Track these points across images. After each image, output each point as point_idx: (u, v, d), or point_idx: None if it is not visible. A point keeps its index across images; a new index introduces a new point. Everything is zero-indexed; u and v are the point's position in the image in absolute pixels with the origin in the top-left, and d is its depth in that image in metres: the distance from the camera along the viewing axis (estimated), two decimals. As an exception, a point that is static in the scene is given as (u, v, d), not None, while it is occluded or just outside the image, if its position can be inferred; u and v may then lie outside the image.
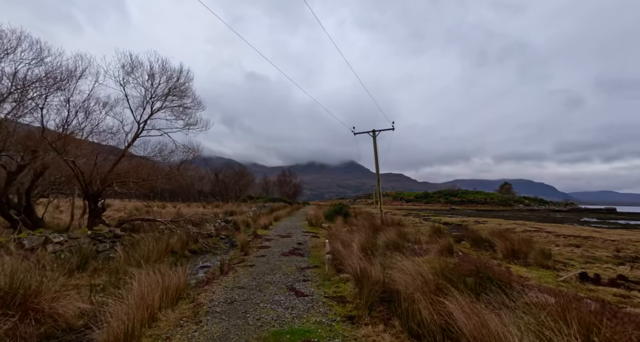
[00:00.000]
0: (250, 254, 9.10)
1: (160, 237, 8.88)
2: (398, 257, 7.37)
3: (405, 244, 8.05)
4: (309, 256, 8.92)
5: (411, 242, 9.15)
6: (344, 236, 8.28)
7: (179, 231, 10.44)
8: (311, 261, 8.11)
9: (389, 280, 4.40)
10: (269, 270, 6.84)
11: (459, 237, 11.17)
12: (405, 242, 8.08)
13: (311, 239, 12.43)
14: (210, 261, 8.95)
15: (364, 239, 6.98)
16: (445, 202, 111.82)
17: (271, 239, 12.25)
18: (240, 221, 18.31)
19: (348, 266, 5.53)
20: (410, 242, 9.09)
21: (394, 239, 7.94)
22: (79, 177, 7.92)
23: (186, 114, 9.77)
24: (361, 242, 6.69)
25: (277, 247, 10.38)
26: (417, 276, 3.89)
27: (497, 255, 8.17)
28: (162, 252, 7.28)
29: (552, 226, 21.07)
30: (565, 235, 15.16)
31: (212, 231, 13.30)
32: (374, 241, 7.17)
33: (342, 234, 9.47)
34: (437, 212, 56.45)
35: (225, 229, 16.10)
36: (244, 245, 9.68)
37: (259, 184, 74.52)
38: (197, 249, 10.26)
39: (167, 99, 9.26)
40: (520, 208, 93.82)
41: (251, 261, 8.01)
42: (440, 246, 7.36)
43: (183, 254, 9.02)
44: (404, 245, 7.92)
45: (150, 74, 8.68)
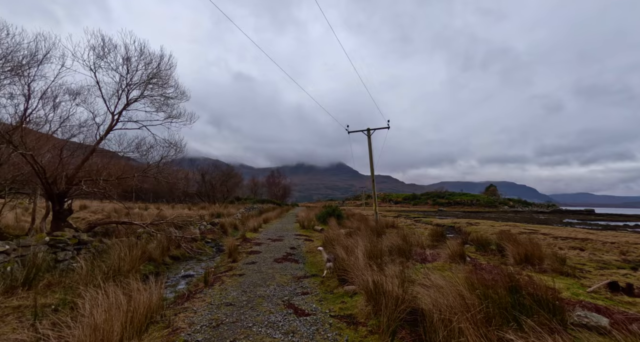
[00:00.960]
0: (239, 260, 8.21)
1: (136, 242, 7.87)
2: (408, 264, 6.68)
3: (411, 249, 7.36)
4: (305, 262, 8.10)
5: (414, 246, 8.47)
6: (345, 241, 7.51)
7: (159, 235, 9.42)
8: (308, 268, 7.30)
9: (409, 296, 3.65)
10: (261, 280, 5.98)
11: (461, 241, 10.59)
12: (410, 247, 7.38)
13: (305, 243, 11.62)
14: (194, 269, 8.00)
15: (370, 244, 6.23)
16: (432, 203, 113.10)
17: (261, 243, 11.36)
18: (227, 223, 17.27)
19: (355, 277, 4.76)
20: (413, 246, 8.41)
21: (398, 243, 7.23)
22: (40, 174, 6.85)
23: (168, 105, 8.77)
24: (367, 248, 5.93)
25: (269, 252, 9.52)
26: (450, 293, 3.15)
27: (507, 260, 7.58)
28: (137, 261, 6.30)
29: (545, 227, 20.96)
30: (562, 237, 14.89)
31: (196, 234, 12.28)
32: (378, 246, 6.42)
33: (340, 237, 8.70)
34: (426, 214, 56.63)
35: (211, 232, 15.06)
36: (232, 250, 8.77)
37: (247, 186, 72.97)
38: (180, 255, 9.26)
39: (146, 88, 8.24)
40: (505, 209, 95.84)
41: (240, 268, 7.13)
42: (450, 251, 6.69)
43: (163, 262, 8.03)
44: (410, 250, 7.22)
45: (125, 58, 7.64)
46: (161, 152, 8.49)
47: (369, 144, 17.39)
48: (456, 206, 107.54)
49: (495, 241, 8.75)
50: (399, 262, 6.52)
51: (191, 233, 11.84)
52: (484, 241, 9.76)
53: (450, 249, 6.72)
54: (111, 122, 8.08)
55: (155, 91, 8.39)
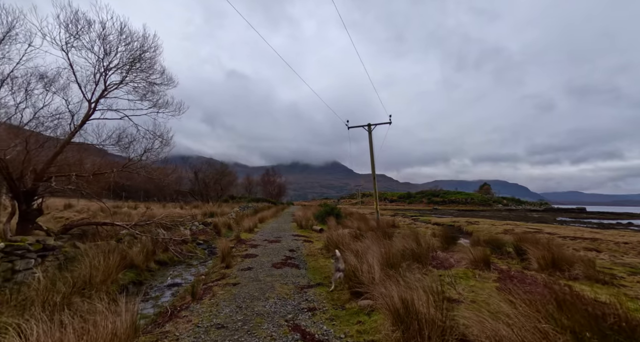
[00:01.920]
0: (233, 265, 7.36)
1: (116, 246, 6.97)
2: (425, 271, 5.93)
3: (427, 253, 6.60)
4: (307, 267, 7.30)
5: (425, 249, 7.72)
6: (353, 244, 6.73)
7: (144, 237, 8.52)
8: (311, 275, 6.50)
9: (450, 321, 2.87)
10: (259, 291, 5.16)
11: (472, 242, 9.90)
12: (426, 251, 6.62)
13: (304, 245, 10.81)
14: (183, 276, 7.13)
15: (384, 248, 5.44)
16: (427, 202, 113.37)
17: (258, 245, 10.52)
18: (221, 223, 16.35)
19: (372, 289, 3.97)
20: (425, 249, 7.66)
21: (412, 246, 6.47)
22: (3, 170, 5.91)
23: (153, 92, 7.84)
24: (381, 253, 5.15)
25: (266, 255, 8.69)
26: (522, 326, 2.36)
27: (530, 265, 6.89)
28: (114, 269, 5.43)
29: (548, 226, 20.51)
30: (570, 237, 14.37)
31: (187, 235, 11.37)
32: (392, 250, 5.65)
33: (345, 239, 7.92)
34: (422, 212, 56.31)
35: (203, 232, 14.16)
36: (225, 254, 7.92)
37: (242, 184, 71.80)
38: (167, 260, 8.38)
39: (128, 73, 7.31)
40: (499, 208, 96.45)
41: (234, 276, 6.29)
42: (472, 256, 5.94)
43: (147, 268, 7.14)
44: (427, 254, 6.47)
45: (101, 37, 6.68)
46: (145, 145, 7.57)
47: (370, 140, 16.64)
48: (451, 204, 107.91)
49: (513, 242, 8.05)
50: (415, 269, 5.77)
51: (181, 235, 10.93)
52: (498, 243, 9.08)
53: (472, 253, 5.97)
54: (88, 111, 7.13)
55: (138, 76, 7.46)
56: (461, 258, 7.13)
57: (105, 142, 7.44)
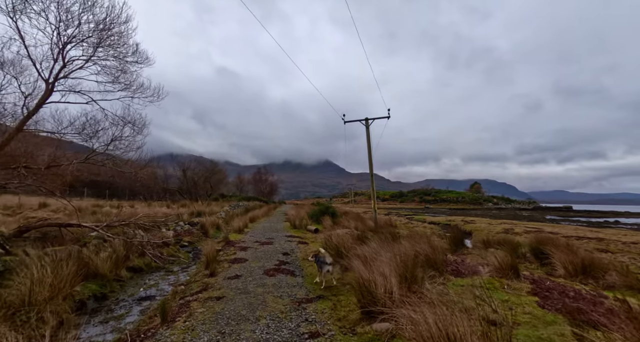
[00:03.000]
0: (219, 273, 6.39)
1: (77, 252, 5.91)
2: (442, 279, 5.08)
3: (444, 259, 5.77)
4: (303, 274, 6.38)
5: (441, 254, 6.90)
6: (358, 248, 5.83)
7: (116, 241, 7.45)
8: (309, 284, 5.58)
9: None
10: (248, 308, 4.23)
11: (477, 243, 9.17)
12: (443, 256, 5.78)
13: (299, 247, 9.89)
14: (159, 286, 6.12)
15: (398, 255, 4.56)
16: (419, 201, 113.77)
17: (248, 248, 9.55)
18: (209, 223, 15.27)
19: (397, 313, 3.09)
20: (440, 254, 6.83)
21: (425, 250, 5.62)
22: None
23: (125, 72, 6.77)
24: (395, 261, 4.26)
25: (257, 260, 7.74)
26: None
27: (555, 270, 6.14)
28: (68, 281, 4.41)
29: (547, 225, 20.09)
30: (575, 237, 13.83)
31: (169, 237, 10.32)
32: (404, 256, 4.78)
33: (347, 242, 7.02)
34: (414, 211, 56.02)
35: (189, 233, 13.08)
36: (211, 259, 6.93)
37: (233, 183, 70.32)
38: (144, 266, 7.33)
39: (95, 50, 6.22)
40: (490, 207, 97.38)
41: (219, 287, 5.33)
42: (498, 261, 5.12)
43: (116, 277, 6.10)
44: (444, 260, 5.64)
45: (58, 3, 5.57)
46: (115, 133, 6.47)
47: (367, 135, 15.80)
48: (442, 203, 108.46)
49: (531, 244, 7.31)
50: (430, 277, 4.92)
51: (162, 236, 9.87)
52: (511, 244, 8.35)
53: (497, 259, 5.15)
54: (45, 92, 6.03)
55: (105, 53, 6.37)
56: (478, 263, 6.34)
57: (67, 130, 6.35)
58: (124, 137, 6.71)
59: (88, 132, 6.37)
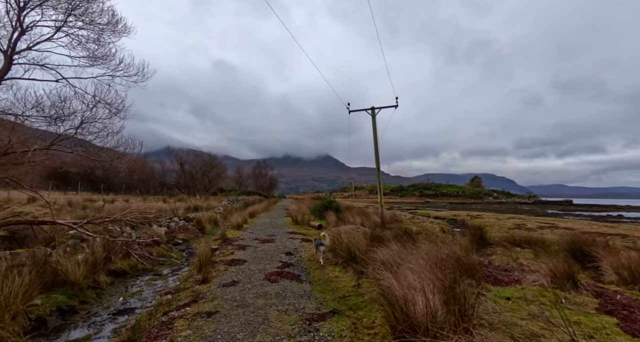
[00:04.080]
0: (213, 278, 5.52)
1: (47, 255, 5.02)
2: (480, 290, 4.22)
3: (478, 264, 4.90)
4: (311, 279, 5.51)
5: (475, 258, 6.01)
6: (375, 250, 4.94)
7: (98, 240, 6.57)
8: (319, 293, 4.71)
9: None
10: (246, 330, 3.36)
11: (504, 242, 8.31)
12: (477, 261, 4.91)
13: (303, 246, 9.02)
14: (142, 294, 5.24)
15: (430, 259, 3.69)
16: (419, 195, 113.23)
17: (247, 246, 8.68)
18: (206, 218, 14.41)
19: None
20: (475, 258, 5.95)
21: (455, 253, 4.74)
22: None
23: (100, 44, 5.78)
24: (431, 271, 3.39)
25: (257, 261, 6.87)
26: None
27: (603, 276, 5.28)
28: (22, 295, 3.53)
29: (560, 221, 19.30)
30: (595, 233, 13.02)
31: (161, 235, 9.45)
32: (439, 263, 3.91)
33: (358, 241, 6.14)
34: (416, 206, 55.36)
35: (184, 230, 12.23)
36: (204, 262, 6.05)
37: (232, 177, 69.42)
38: (128, 269, 6.46)
39: (67, 18, 5.23)
40: (490, 201, 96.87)
41: (212, 297, 4.46)
42: (550, 268, 4.24)
43: (93, 283, 5.22)
44: (477, 265, 4.76)
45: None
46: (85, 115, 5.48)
47: (374, 125, 14.83)
48: (442, 197, 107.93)
49: (571, 244, 6.43)
50: (467, 285, 4.05)
51: (152, 234, 9.00)
52: (540, 243, 7.49)
53: (552, 265, 4.26)
54: (3, 66, 5.07)
55: (76, 20, 5.36)
56: (514, 268, 5.47)
57: (32, 112, 5.38)
58: (98, 119, 5.76)
59: (56, 114, 5.42)
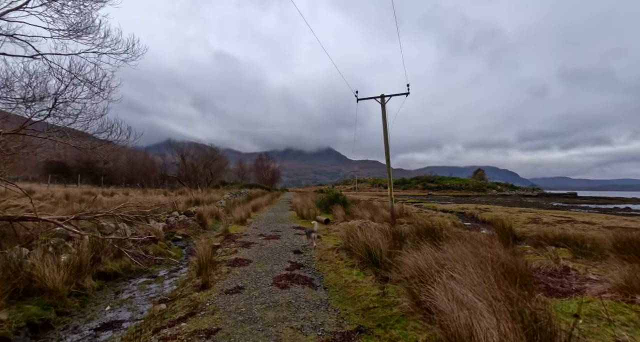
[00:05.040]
0: (214, 283, 4.84)
1: (22, 257, 4.34)
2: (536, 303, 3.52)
3: (529, 271, 4.18)
4: (326, 284, 4.83)
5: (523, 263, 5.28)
6: (402, 254, 4.23)
7: (86, 238, 5.91)
8: (337, 302, 4.03)
9: None
10: (254, 356, 2.68)
11: (536, 240, 7.58)
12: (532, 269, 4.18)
13: (311, 242, 8.34)
14: (134, 302, 4.58)
15: (482, 266, 2.98)
16: (422, 188, 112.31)
17: (251, 244, 8.01)
18: (207, 212, 13.77)
19: None
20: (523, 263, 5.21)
21: (500, 257, 4.02)
22: None
23: (80, 13, 4.98)
24: (488, 282, 2.68)
25: (263, 261, 6.19)
26: None
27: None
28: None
29: (576, 214, 18.52)
30: (619, 227, 12.27)
31: (158, 231, 8.79)
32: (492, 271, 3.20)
33: (376, 240, 5.42)
34: (419, 199, 54.66)
35: (184, 225, 11.59)
36: (204, 263, 5.36)
37: (234, 170, 68.84)
38: (120, 270, 5.80)
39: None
40: (494, 193, 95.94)
41: (213, 308, 3.79)
42: (625, 275, 3.52)
43: (77, 289, 4.56)
44: (529, 273, 4.04)
45: None
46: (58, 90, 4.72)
47: (383, 114, 13.99)
48: (445, 190, 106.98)
49: (616, 243, 5.68)
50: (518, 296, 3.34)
51: (149, 230, 8.34)
52: (574, 239, 6.75)
53: (625, 273, 3.53)
54: (-35, 37, 4.32)
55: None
56: (558, 272, 4.75)
57: (1, 93, 4.63)
58: (77, 99, 4.99)
59: (30, 95, 4.66)
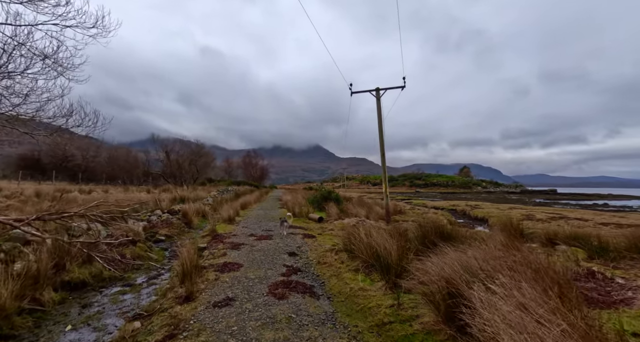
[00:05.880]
0: (200, 293, 4.17)
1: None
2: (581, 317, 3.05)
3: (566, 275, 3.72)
4: (328, 293, 4.24)
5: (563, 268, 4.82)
6: (418, 260, 3.68)
7: (49, 241, 5.10)
8: (345, 315, 3.45)
9: None
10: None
11: (552, 237, 7.23)
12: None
13: (307, 243, 7.72)
14: (101, 320, 3.85)
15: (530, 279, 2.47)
16: (410, 185, 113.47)
17: (241, 245, 7.33)
18: (193, 210, 12.92)
19: None
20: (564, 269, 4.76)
21: (540, 263, 3.54)
22: None
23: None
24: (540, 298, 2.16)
25: (255, 265, 5.54)
26: None
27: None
28: None
29: (567, 211, 18.64)
30: (613, 224, 12.26)
31: (137, 231, 7.96)
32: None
33: (383, 241, 4.87)
34: (407, 196, 55.02)
35: (167, 224, 10.74)
36: (188, 269, 4.66)
37: (221, 167, 67.23)
38: (89, 278, 5.03)
39: None
40: (479, 190, 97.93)
41: (198, 327, 3.13)
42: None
43: (32, 305, 3.80)
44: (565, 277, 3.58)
45: None
46: None
47: (378, 109, 13.49)
48: (432, 187, 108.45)
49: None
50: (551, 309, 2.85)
51: (126, 231, 7.51)
52: (586, 238, 6.43)
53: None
54: None
55: None
56: (585, 275, 4.33)
57: None
58: (26, 74, 4.14)
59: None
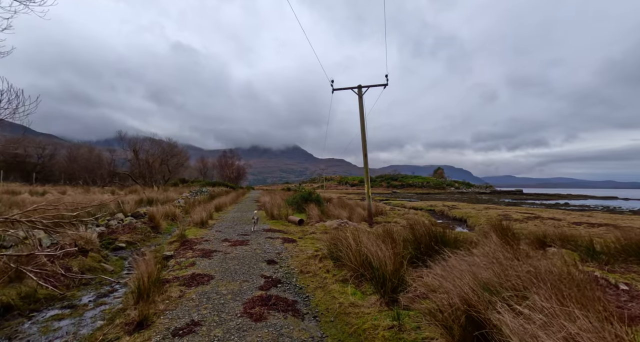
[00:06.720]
0: (157, 316, 3.40)
1: None
2: None
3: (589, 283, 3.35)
4: (314, 310, 3.64)
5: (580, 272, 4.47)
6: (422, 275, 3.17)
7: (-34, 256, 4.07)
8: (335, 341, 2.86)
9: None
10: None
11: (541, 238, 7.07)
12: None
13: (287, 248, 7.05)
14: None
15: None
16: (387, 186, 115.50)
17: (213, 252, 6.53)
18: (161, 213, 11.81)
19: None
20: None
21: (552, 268, 3.15)
22: None
23: None
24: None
25: (228, 276, 4.81)
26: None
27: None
28: None
29: (543, 211, 19.28)
30: (585, 223, 12.66)
31: (91, 239, 6.90)
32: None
33: (376, 250, 4.35)
34: (385, 196, 55.61)
35: (130, 229, 9.62)
36: (146, 286, 3.86)
37: (195, 167, 64.48)
38: (17, 300, 4.07)
39: None
40: (452, 191, 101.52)
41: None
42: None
43: None
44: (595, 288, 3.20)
45: None
46: None
47: (360, 106, 13.11)
48: (408, 188, 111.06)
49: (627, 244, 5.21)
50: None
51: (75, 239, 6.46)
52: (573, 239, 6.31)
53: None
54: None
55: None
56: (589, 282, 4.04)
57: None
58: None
59: None
